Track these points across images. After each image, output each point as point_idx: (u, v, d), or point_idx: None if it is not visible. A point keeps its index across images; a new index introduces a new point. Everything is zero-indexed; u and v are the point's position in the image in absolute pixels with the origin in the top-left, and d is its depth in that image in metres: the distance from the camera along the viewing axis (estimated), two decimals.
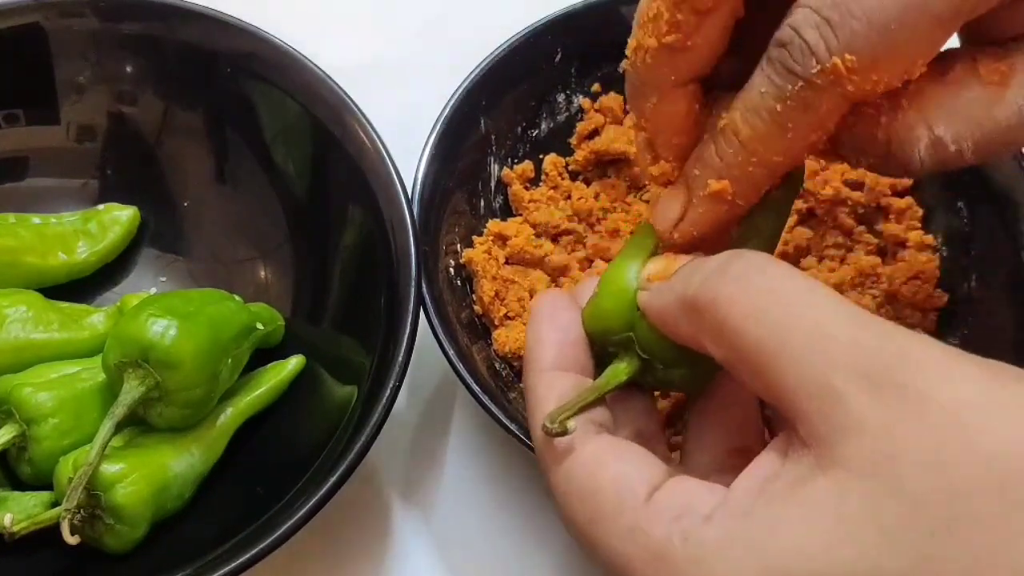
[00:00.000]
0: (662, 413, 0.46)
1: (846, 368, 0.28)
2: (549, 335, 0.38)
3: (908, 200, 0.52)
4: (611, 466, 0.33)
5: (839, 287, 0.50)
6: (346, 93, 0.49)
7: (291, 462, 0.44)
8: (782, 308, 0.30)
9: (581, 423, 0.35)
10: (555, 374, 0.37)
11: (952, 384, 0.28)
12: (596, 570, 0.47)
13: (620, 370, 0.37)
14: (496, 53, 0.53)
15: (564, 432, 0.34)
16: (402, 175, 0.47)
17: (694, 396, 0.38)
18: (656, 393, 0.43)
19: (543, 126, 0.55)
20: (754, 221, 0.38)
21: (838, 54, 0.32)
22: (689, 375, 0.37)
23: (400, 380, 0.42)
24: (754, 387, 0.31)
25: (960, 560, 0.26)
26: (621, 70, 0.39)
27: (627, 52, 0.38)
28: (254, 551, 0.39)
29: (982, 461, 0.27)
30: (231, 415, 0.46)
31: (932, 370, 0.28)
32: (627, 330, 0.37)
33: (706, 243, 0.38)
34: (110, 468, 0.41)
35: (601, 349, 0.38)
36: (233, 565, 0.39)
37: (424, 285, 0.45)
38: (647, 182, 0.42)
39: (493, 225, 0.52)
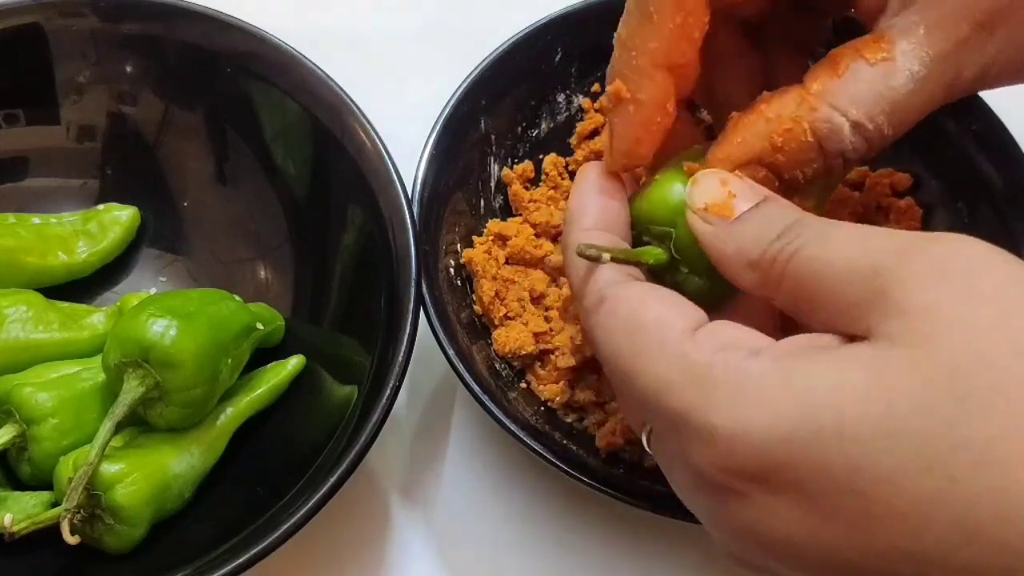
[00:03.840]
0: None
1: (892, 261, 0.31)
2: (595, 201, 0.40)
3: (908, 200, 0.52)
4: (654, 306, 0.35)
5: None
6: (346, 93, 0.49)
7: (291, 462, 0.44)
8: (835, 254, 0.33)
9: (622, 274, 0.37)
10: (598, 232, 0.39)
11: (991, 273, 0.30)
12: (595, 570, 0.48)
13: (653, 251, 0.39)
14: (496, 53, 0.53)
15: (598, 258, 0.36)
16: (402, 175, 0.47)
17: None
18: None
19: (543, 126, 0.55)
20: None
21: None
22: (706, 288, 0.38)
23: (400, 380, 0.42)
24: (809, 322, 0.34)
25: (985, 427, 0.28)
26: None
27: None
28: (254, 551, 0.39)
29: (1017, 342, 0.28)
30: (231, 415, 0.46)
31: (975, 261, 0.30)
32: (670, 225, 0.39)
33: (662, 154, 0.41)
34: (110, 468, 0.41)
35: (637, 237, 0.40)
36: (233, 565, 0.39)
37: (424, 285, 0.45)
38: None
39: (493, 225, 0.52)
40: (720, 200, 0.37)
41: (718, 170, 0.38)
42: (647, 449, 0.35)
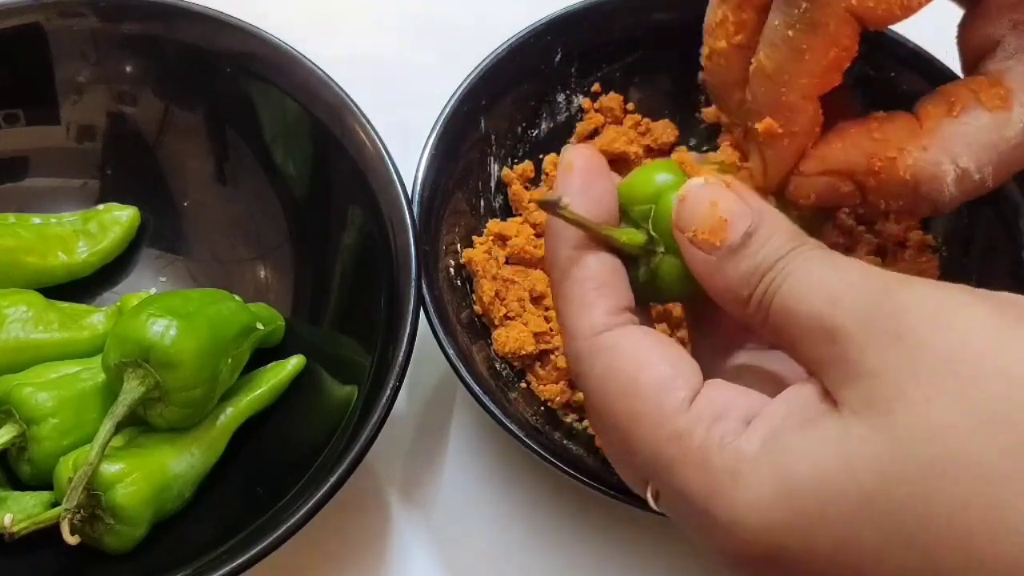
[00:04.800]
0: None
1: (850, 322, 0.31)
2: (580, 201, 0.37)
3: None
4: (652, 368, 0.34)
5: None
6: (346, 93, 0.49)
7: (291, 462, 0.44)
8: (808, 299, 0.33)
9: (613, 312, 0.36)
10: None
11: (947, 332, 0.30)
12: (595, 570, 0.48)
13: (630, 232, 0.37)
14: (496, 53, 0.53)
15: (556, 202, 0.35)
16: (402, 175, 0.47)
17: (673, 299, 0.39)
18: None
19: (543, 126, 0.55)
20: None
21: None
22: (683, 268, 0.37)
23: (400, 380, 0.42)
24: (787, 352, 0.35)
25: (945, 499, 0.28)
26: (700, 80, 0.41)
27: (702, 61, 0.40)
28: (254, 551, 0.39)
29: (969, 409, 0.28)
30: (231, 415, 0.46)
31: (928, 318, 0.30)
32: (650, 204, 0.37)
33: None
34: (110, 468, 0.41)
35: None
36: (233, 565, 0.39)
37: (424, 285, 0.45)
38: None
39: (493, 225, 0.52)
40: (710, 225, 0.35)
41: (708, 183, 0.36)
42: (653, 507, 0.35)
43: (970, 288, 0.32)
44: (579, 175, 0.37)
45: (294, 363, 0.48)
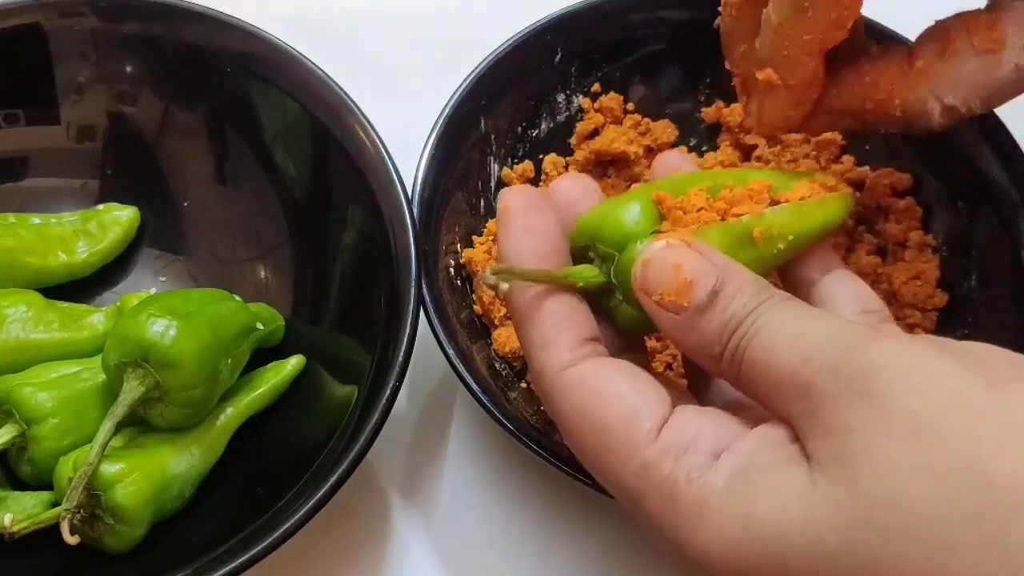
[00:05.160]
0: None
1: (822, 376, 0.31)
2: (525, 242, 0.37)
3: (908, 200, 0.52)
4: (618, 402, 0.34)
5: None
6: (346, 93, 0.49)
7: (291, 462, 0.44)
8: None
9: (576, 345, 0.35)
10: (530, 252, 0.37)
11: (911, 392, 0.30)
12: (595, 570, 0.48)
13: (585, 272, 0.37)
14: (496, 53, 0.53)
15: (496, 287, 0.35)
16: (402, 175, 0.47)
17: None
18: None
19: (543, 126, 0.55)
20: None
21: None
22: (638, 317, 0.37)
23: (400, 380, 0.42)
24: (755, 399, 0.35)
25: (908, 566, 0.28)
26: (715, 25, 0.44)
27: (720, 9, 0.43)
28: (254, 551, 0.39)
29: (931, 472, 0.28)
30: (231, 415, 0.46)
31: (896, 377, 0.30)
32: (616, 248, 0.37)
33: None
34: (110, 468, 0.41)
35: (583, 251, 0.38)
36: (233, 565, 0.39)
37: (424, 285, 0.45)
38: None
39: (493, 225, 0.52)
40: (676, 287, 0.35)
41: (669, 245, 0.36)
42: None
43: (939, 341, 0.32)
44: (518, 217, 0.37)
45: (294, 363, 0.48)
